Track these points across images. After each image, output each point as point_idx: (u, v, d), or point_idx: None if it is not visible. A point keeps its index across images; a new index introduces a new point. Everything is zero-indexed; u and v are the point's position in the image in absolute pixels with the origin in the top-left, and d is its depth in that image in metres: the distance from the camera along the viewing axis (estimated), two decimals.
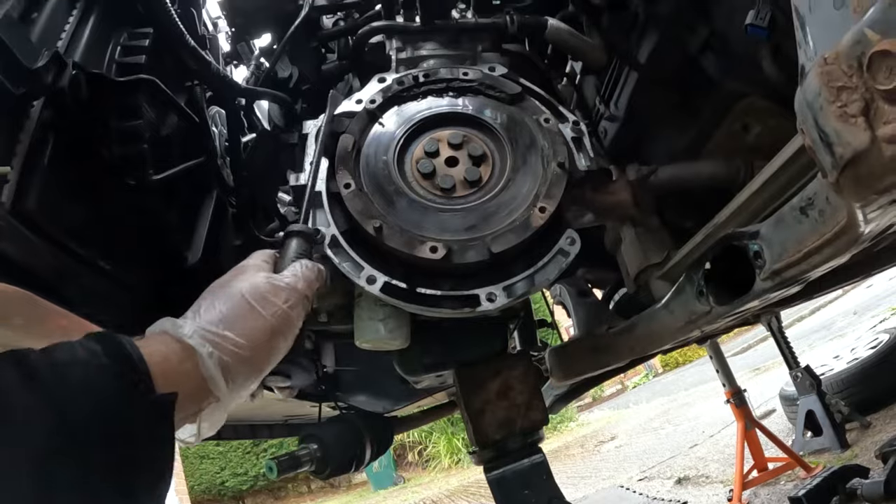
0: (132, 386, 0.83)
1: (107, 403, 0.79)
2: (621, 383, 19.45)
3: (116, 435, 0.79)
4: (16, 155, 1.26)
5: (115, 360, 0.83)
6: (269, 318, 1.07)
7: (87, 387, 0.79)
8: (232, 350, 0.98)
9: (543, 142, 1.63)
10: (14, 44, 1.23)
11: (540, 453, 1.71)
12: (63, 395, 0.76)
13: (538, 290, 1.53)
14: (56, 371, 0.77)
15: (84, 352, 0.82)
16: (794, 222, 1.27)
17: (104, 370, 0.81)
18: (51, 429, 0.73)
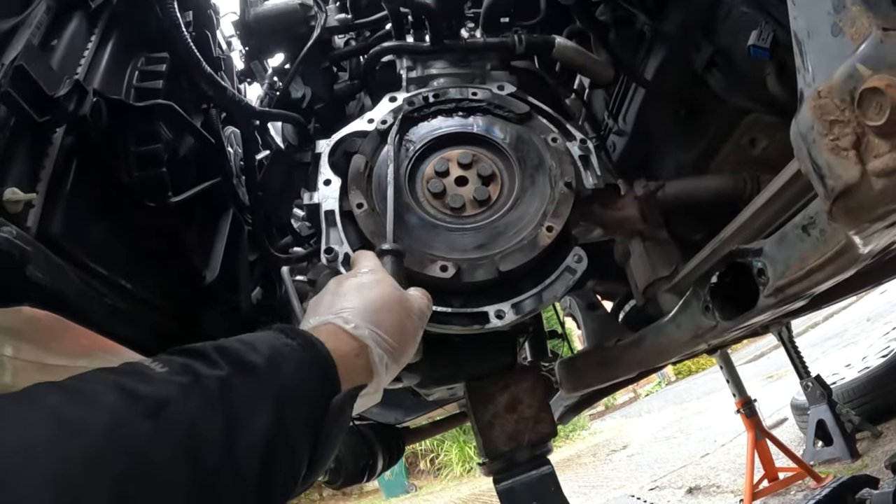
0: (330, 385, 0.94)
1: (315, 402, 0.90)
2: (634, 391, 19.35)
3: (316, 426, 0.90)
4: (40, 180, 1.29)
5: (315, 359, 0.94)
6: (413, 330, 1.19)
7: (299, 384, 0.89)
8: (390, 351, 1.09)
9: (551, 161, 1.67)
10: (36, 72, 1.27)
11: (548, 465, 1.74)
12: (281, 389, 0.85)
13: (546, 307, 1.56)
14: (270, 364, 0.87)
15: (284, 346, 0.92)
16: (796, 240, 1.29)
17: (308, 367, 0.92)
18: (273, 424, 0.81)
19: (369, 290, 1.17)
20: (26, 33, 1.33)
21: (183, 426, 0.72)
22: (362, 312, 1.09)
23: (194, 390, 0.76)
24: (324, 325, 1.05)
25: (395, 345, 1.11)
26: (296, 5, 2.25)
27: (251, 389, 0.82)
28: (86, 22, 1.59)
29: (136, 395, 0.71)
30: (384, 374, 1.09)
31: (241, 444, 0.77)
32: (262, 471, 0.79)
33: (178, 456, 0.69)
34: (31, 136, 1.31)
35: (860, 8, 0.92)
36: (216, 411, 0.76)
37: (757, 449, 6.13)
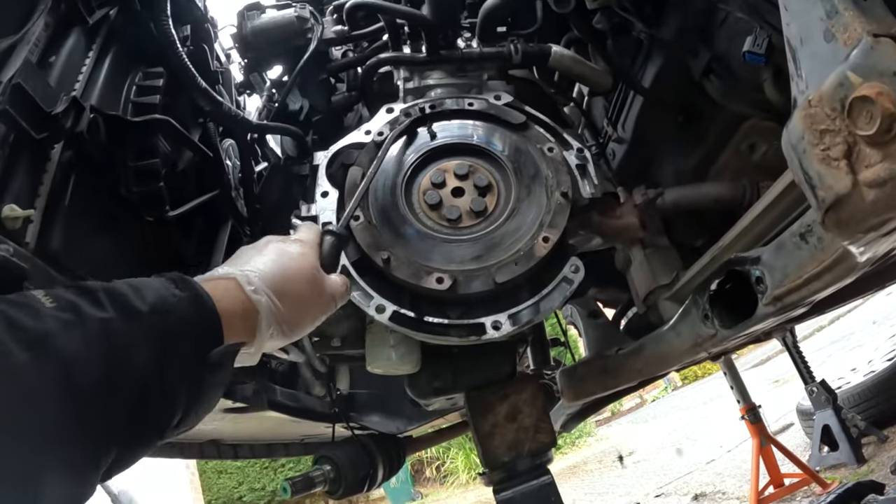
0: (211, 338, 0.97)
1: (194, 350, 0.95)
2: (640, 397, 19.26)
3: (193, 375, 0.94)
4: (39, 196, 1.30)
5: (199, 312, 0.97)
6: (315, 310, 1.22)
7: (179, 334, 0.92)
8: (281, 323, 1.11)
9: (547, 171, 1.67)
10: (34, 89, 1.28)
11: (548, 475, 1.73)
12: (161, 336, 0.89)
13: (543, 318, 1.56)
14: (153, 312, 0.90)
15: (171, 297, 0.95)
16: (794, 248, 1.28)
17: (191, 319, 0.95)
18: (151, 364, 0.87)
19: (288, 259, 1.18)
20: (24, 50, 1.34)
21: (60, 359, 0.77)
22: (269, 277, 1.11)
23: (77, 327, 0.81)
24: (226, 277, 1.07)
25: (289, 319, 1.12)
26: (292, 18, 2.26)
27: (132, 333, 0.86)
28: (84, 38, 1.60)
29: (20, 326, 0.76)
30: (267, 341, 1.10)
31: (118, 381, 0.82)
32: (137, 408, 0.85)
33: (54, 386, 0.75)
34: (30, 152, 1.32)
35: (853, 13, 0.92)
36: (94, 348, 0.81)
37: (762, 455, 6.12)
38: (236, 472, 17.42)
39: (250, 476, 17.36)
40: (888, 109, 0.83)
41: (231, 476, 17.46)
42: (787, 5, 1.10)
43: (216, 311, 0.99)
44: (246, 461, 17.06)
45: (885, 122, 0.84)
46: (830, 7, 0.95)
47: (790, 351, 6.56)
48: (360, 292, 1.50)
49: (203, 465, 16.21)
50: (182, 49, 1.87)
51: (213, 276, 1.08)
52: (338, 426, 2.59)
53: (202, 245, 1.85)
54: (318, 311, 1.23)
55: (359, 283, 1.51)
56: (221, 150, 2.13)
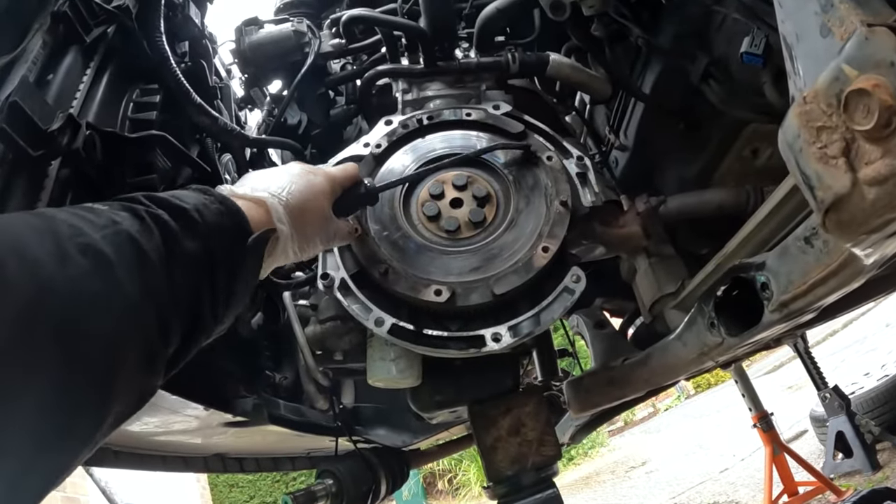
0: (243, 230, 1.09)
1: (233, 246, 1.06)
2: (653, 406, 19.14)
3: (235, 260, 1.06)
4: None
5: (230, 214, 1.08)
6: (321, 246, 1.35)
7: (219, 231, 1.04)
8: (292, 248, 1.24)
9: (546, 180, 1.65)
10: (31, 107, 1.30)
11: (553, 488, 1.72)
12: (206, 231, 1.01)
13: (544, 329, 1.54)
14: (196, 210, 1.02)
15: (210, 203, 1.06)
16: (798, 253, 1.25)
17: (226, 219, 1.07)
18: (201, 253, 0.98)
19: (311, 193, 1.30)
20: (22, 68, 1.36)
21: (127, 239, 0.86)
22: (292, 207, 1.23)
23: (134, 219, 0.91)
24: (257, 199, 1.19)
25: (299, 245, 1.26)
26: (289, 32, 2.27)
27: (181, 224, 0.97)
28: (81, 56, 1.61)
29: (88, 218, 0.86)
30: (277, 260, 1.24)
31: (177, 259, 0.93)
32: (194, 287, 0.97)
33: (126, 260, 0.84)
34: (27, 169, 1.33)
35: (848, 5, 0.88)
36: (154, 234, 0.91)
37: (775, 463, 6.07)
38: (248, 485, 17.43)
39: (262, 490, 17.36)
40: (886, 102, 0.80)
41: (242, 490, 17.46)
42: (782, 2, 1.06)
43: (245, 215, 1.11)
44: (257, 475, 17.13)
45: (884, 115, 0.80)
46: (825, 1, 0.92)
47: (802, 357, 6.52)
48: (358, 305, 1.49)
49: (214, 478, 16.22)
50: (180, 65, 1.88)
51: (245, 193, 1.19)
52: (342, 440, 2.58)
53: None
54: (321, 245, 1.35)
55: (357, 295, 1.50)
56: (220, 165, 2.13)
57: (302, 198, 1.27)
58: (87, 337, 0.76)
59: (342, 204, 1.40)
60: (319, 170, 1.39)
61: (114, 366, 0.80)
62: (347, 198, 1.41)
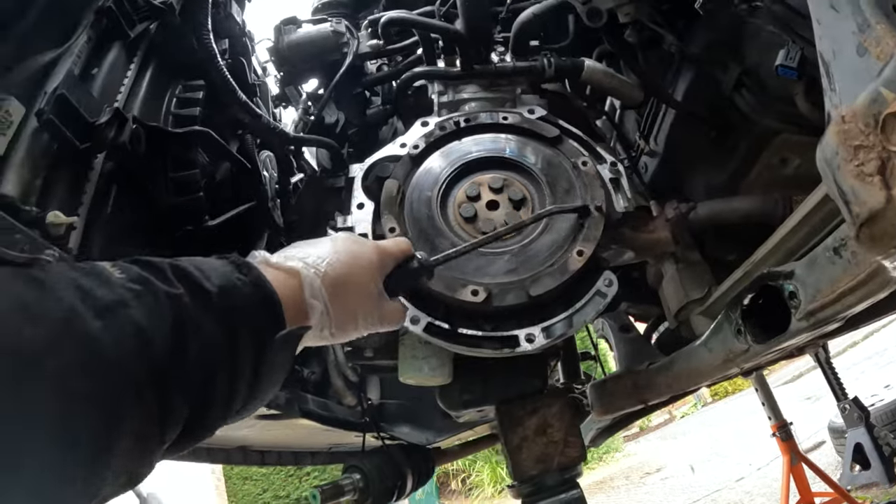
0: (274, 321, 0.99)
1: (260, 332, 0.96)
2: (669, 413, 19.00)
3: (259, 354, 0.96)
4: (81, 204, 1.33)
5: (260, 296, 0.98)
6: (365, 328, 1.21)
7: (245, 315, 0.94)
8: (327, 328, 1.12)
9: (581, 185, 1.68)
10: (77, 100, 1.31)
11: (577, 489, 1.74)
12: (228, 315, 0.91)
13: (576, 331, 1.57)
14: (220, 293, 0.92)
15: (236, 279, 0.96)
16: (827, 263, 1.27)
17: (255, 303, 0.97)
18: (219, 339, 0.89)
19: (357, 267, 1.18)
20: (68, 63, 1.37)
21: (132, 327, 0.78)
22: (331, 280, 1.11)
23: (147, 298, 0.82)
24: (290, 270, 1.07)
25: (336, 326, 1.13)
26: (328, 32, 2.29)
27: (200, 309, 0.87)
28: (125, 52, 1.63)
29: (92, 294, 0.77)
30: (309, 341, 1.11)
31: (190, 353, 0.84)
32: (207, 384, 0.87)
33: (127, 353, 0.76)
34: (73, 161, 1.34)
35: (885, 27, 0.90)
36: (166, 319, 0.82)
37: (793, 473, 6.03)
38: (261, 479, 17.44)
39: (275, 483, 17.36)
40: None
41: (256, 483, 17.48)
42: (820, 19, 1.09)
43: (279, 298, 1.00)
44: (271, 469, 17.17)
45: None
46: (862, 21, 0.94)
47: (823, 367, 6.47)
48: None
49: (228, 470, 16.26)
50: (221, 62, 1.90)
51: (279, 262, 1.09)
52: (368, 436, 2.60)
53: None
54: (365, 327, 1.21)
55: None
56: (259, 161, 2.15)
57: (344, 271, 1.15)
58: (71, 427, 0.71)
59: (393, 281, 1.28)
60: (368, 242, 1.28)
61: (103, 449, 0.74)
62: (399, 274, 1.30)
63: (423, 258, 1.34)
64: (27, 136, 1.24)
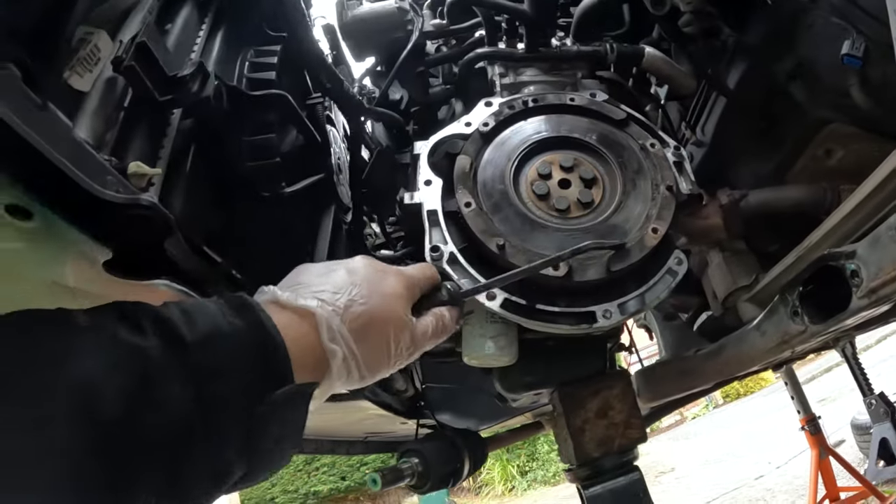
0: (274, 378, 0.87)
1: (250, 389, 0.83)
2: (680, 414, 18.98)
3: (253, 421, 0.83)
4: (160, 158, 1.27)
5: (258, 344, 0.86)
6: (399, 360, 1.12)
7: (232, 368, 0.82)
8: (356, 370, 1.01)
9: (650, 166, 1.69)
10: (157, 50, 1.23)
11: (637, 471, 1.75)
12: (207, 371, 0.79)
13: (649, 309, 1.58)
14: (202, 343, 0.81)
15: (227, 325, 0.85)
16: (889, 241, 1.33)
17: (249, 353, 0.85)
18: (190, 402, 0.77)
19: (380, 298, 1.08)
20: (140, 15, 1.30)
21: (79, 383, 0.69)
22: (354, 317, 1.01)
23: (105, 351, 0.73)
24: (302, 310, 0.97)
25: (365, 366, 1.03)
26: (393, 9, 2.30)
27: (169, 364, 0.77)
28: (196, 11, 1.58)
29: (40, 343, 0.70)
30: (335, 387, 1.01)
31: (147, 416, 0.73)
32: (176, 452, 0.75)
33: (70, 414, 0.67)
34: (151, 114, 1.28)
35: None
36: (121, 376, 0.72)
37: (819, 467, 6.03)
38: None
39: (284, 478, 17.44)
40: None
41: None
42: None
43: (283, 345, 0.89)
44: None
45: None
46: None
47: (850, 362, 6.50)
48: (468, 279, 1.50)
49: None
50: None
51: (288, 300, 0.98)
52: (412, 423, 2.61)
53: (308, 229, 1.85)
54: (399, 360, 1.12)
55: (468, 269, 1.51)
56: None
57: (367, 304, 1.04)
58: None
59: (418, 309, 1.22)
60: (390, 268, 1.18)
61: None
62: (425, 304, 1.25)
63: (452, 288, 1.33)
64: (102, 83, 1.17)
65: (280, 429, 0.87)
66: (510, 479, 15.97)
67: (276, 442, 0.87)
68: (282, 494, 17.45)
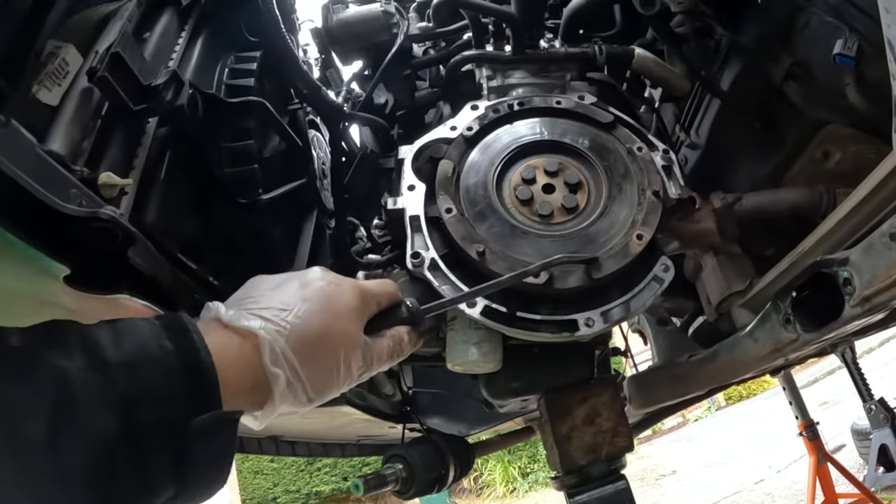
0: (202, 403, 0.83)
1: (174, 414, 0.80)
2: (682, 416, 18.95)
3: (178, 446, 0.80)
4: (133, 168, 1.28)
5: (187, 368, 0.83)
6: (347, 382, 1.08)
7: (156, 392, 0.79)
8: (301, 394, 0.98)
9: (637, 170, 1.66)
10: (131, 60, 1.24)
11: (623, 480, 1.72)
12: (131, 394, 0.77)
13: (633, 317, 1.55)
14: (127, 365, 0.78)
15: (156, 348, 0.82)
16: (883, 249, 1.28)
17: (176, 377, 0.82)
18: (111, 426, 0.74)
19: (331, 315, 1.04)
20: (118, 24, 1.31)
21: (5, 402, 0.68)
22: (301, 336, 0.97)
23: (28, 373, 0.72)
24: (244, 331, 0.94)
25: (311, 388, 0.99)
26: (378, 13, 2.28)
27: (92, 387, 0.74)
28: (176, 18, 1.59)
29: None
30: (277, 411, 0.97)
31: (67, 439, 0.70)
32: (100, 477, 0.72)
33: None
34: (126, 123, 1.29)
35: None
36: (43, 398, 0.70)
37: (818, 473, 6.01)
38: (272, 473, 17.53)
39: (286, 478, 17.45)
40: None
41: (266, 477, 17.56)
42: (889, 8, 1.13)
43: (212, 369, 0.85)
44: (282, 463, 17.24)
45: None
46: None
47: (849, 367, 6.48)
48: (449, 286, 1.48)
49: (240, 464, 16.36)
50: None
51: (230, 320, 0.95)
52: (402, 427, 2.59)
53: (289, 234, 1.84)
54: (349, 381, 1.08)
55: (448, 276, 1.49)
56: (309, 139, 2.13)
57: (317, 322, 1.00)
58: None
59: (375, 327, 1.16)
60: (345, 281, 1.13)
61: None
62: (382, 321, 1.19)
63: (412, 306, 1.24)
64: (77, 94, 1.19)
65: (207, 454, 0.84)
66: (511, 481, 15.95)
67: (203, 467, 0.84)
68: (284, 494, 17.45)
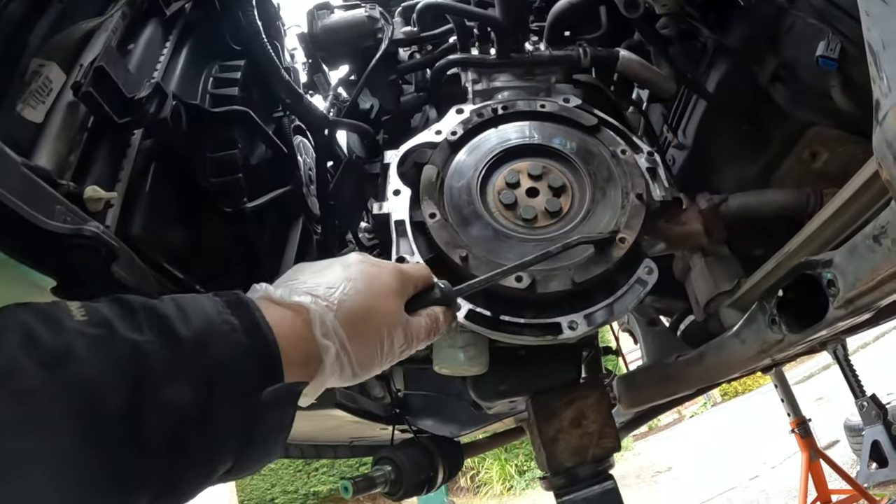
0: (269, 376, 0.87)
1: (246, 387, 0.84)
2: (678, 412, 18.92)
3: (248, 419, 0.84)
4: (119, 181, 1.30)
5: (252, 342, 0.86)
6: (391, 358, 1.11)
7: (228, 366, 0.82)
8: (349, 367, 1.00)
9: (620, 173, 1.67)
10: (115, 73, 1.26)
11: (611, 480, 1.72)
12: (203, 368, 0.80)
13: (617, 319, 1.56)
14: (198, 340, 0.81)
15: (223, 324, 0.85)
16: (867, 251, 1.27)
17: (243, 351, 0.85)
18: (186, 399, 0.77)
19: (375, 295, 1.07)
20: (103, 37, 1.33)
21: (79, 380, 0.69)
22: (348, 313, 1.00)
23: (103, 347, 0.73)
24: (296, 306, 0.96)
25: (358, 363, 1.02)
26: (363, 18, 2.29)
27: (168, 360, 0.77)
28: (161, 29, 1.60)
29: (38, 340, 0.69)
30: (327, 384, 1.01)
31: (147, 411, 0.73)
32: (174, 446, 0.75)
33: (70, 411, 0.67)
34: (111, 137, 1.31)
35: None
36: (121, 372, 0.72)
37: (810, 470, 6.02)
38: (269, 473, 17.50)
39: (283, 479, 17.42)
40: None
41: (264, 478, 17.53)
42: (869, 11, 1.10)
43: (276, 345, 0.89)
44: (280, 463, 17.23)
45: None
46: None
47: (841, 364, 6.48)
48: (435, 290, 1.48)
49: None
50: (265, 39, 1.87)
51: (282, 297, 0.97)
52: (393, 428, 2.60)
53: (275, 241, 1.85)
54: (391, 357, 1.11)
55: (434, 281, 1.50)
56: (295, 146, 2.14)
57: (361, 300, 1.03)
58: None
59: (413, 307, 1.20)
60: (385, 263, 1.18)
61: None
62: (419, 301, 1.23)
63: (445, 287, 1.28)
64: (62, 108, 1.20)
65: (268, 427, 0.88)
66: (509, 479, 15.94)
67: (264, 439, 0.88)
68: (282, 495, 17.43)
